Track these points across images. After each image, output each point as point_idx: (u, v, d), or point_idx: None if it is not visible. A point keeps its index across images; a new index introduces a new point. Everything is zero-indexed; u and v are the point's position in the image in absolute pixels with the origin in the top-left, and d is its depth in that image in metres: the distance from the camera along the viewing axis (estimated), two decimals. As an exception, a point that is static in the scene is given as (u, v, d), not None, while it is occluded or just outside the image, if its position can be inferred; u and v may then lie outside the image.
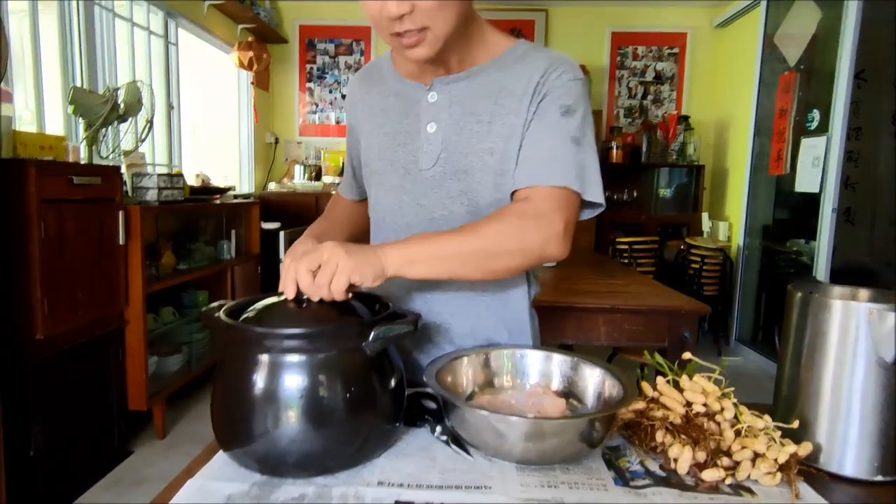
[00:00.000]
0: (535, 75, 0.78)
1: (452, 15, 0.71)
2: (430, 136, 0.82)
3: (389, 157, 0.85)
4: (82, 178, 1.77)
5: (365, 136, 0.90)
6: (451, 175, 0.82)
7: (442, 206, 0.83)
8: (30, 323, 1.63)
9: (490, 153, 0.80)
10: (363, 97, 0.91)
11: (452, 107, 0.81)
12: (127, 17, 2.61)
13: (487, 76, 0.81)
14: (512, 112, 0.79)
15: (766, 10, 3.44)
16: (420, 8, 0.68)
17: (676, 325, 1.64)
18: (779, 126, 3.22)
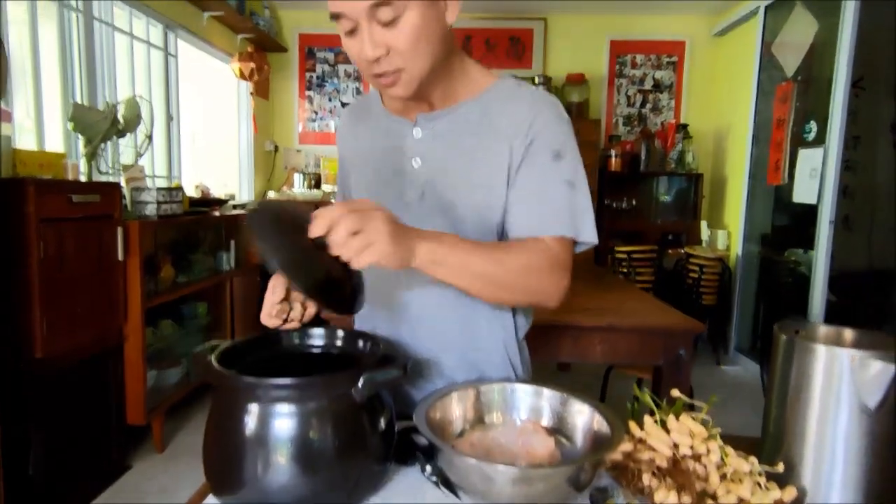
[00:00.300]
0: (520, 118, 0.79)
1: (427, 56, 0.73)
2: (416, 172, 0.84)
3: (377, 191, 0.87)
4: (81, 196, 1.78)
5: (354, 169, 0.93)
6: (437, 209, 0.83)
7: None
8: (29, 342, 1.64)
9: (474, 189, 0.81)
10: (352, 131, 0.93)
11: (436, 142, 0.83)
12: (127, 31, 2.63)
13: (470, 113, 0.82)
14: (496, 151, 0.80)
15: (763, 19, 3.44)
16: (394, 51, 0.71)
17: (672, 344, 1.65)
18: (776, 136, 3.22)
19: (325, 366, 0.77)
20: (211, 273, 2.78)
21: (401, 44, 0.71)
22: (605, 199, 3.97)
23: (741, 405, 2.90)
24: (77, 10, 2.28)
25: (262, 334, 0.76)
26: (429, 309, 0.87)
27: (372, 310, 0.92)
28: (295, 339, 0.78)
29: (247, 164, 4.06)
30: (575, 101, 4.03)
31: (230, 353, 0.69)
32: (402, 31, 0.70)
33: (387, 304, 0.90)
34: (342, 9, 0.70)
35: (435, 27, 0.72)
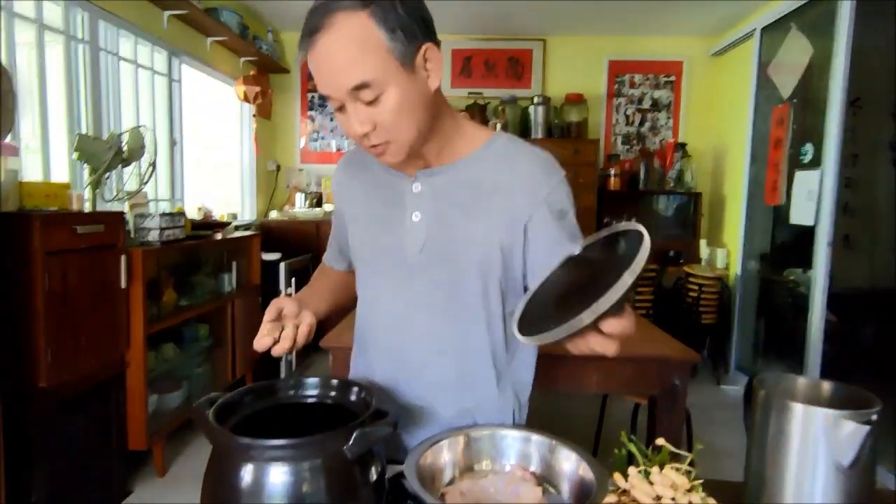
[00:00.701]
0: (518, 177, 0.83)
1: (412, 127, 0.77)
2: (415, 225, 0.86)
3: (376, 243, 0.90)
4: (86, 227, 1.82)
5: (351, 221, 0.95)
6: (437, 263, 0.86)
7: (427, 293, 0.87)
8: (33, 372, 1.66)
9: (473, 244, 0.84)
10: (349, 183, 0.96)
11: (436, 198, 0.86)
12: (131, 59, 2.68)
13: (468, 169, 0.86)
14: (495, 207, 0.83)
15: (759, 41, 3.49)
16: (380, 126, 0.75)
17: (668, 373, 1.66)
18: (774, 157, 3.25)
19: (320, 416, 0.79)
20: (213, 295, 2.81)
21: (386, 120, 0.74)
22: (604, 218, 3.99)
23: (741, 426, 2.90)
24: (84, 41, 2.34)
25: (258, 385, 0.79)
26: (429, 356, 0.89)
27: (371, 352, 0.94)
28: (290, 390, 0.81)
29: (249, 184, 4.11)
30: (574, 120, 4.07)
31: (228, 406, 0.72)
32: (384, 109, 0.73)
33: (387, 349, 0.92)
34: (327, 91, 0.74)
35: (417, 98, 0.75)
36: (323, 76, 0.72)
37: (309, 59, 0.72)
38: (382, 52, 0.70)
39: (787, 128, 3.15)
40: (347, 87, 0.71)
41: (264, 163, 4.27)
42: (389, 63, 0.71)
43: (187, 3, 2.83)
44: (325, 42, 0.70)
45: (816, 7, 2.95)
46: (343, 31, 0.69)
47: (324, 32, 0.69)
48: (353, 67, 0.70)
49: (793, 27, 3.15)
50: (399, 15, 0.71)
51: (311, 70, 0.73)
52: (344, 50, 0.70)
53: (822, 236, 2.78)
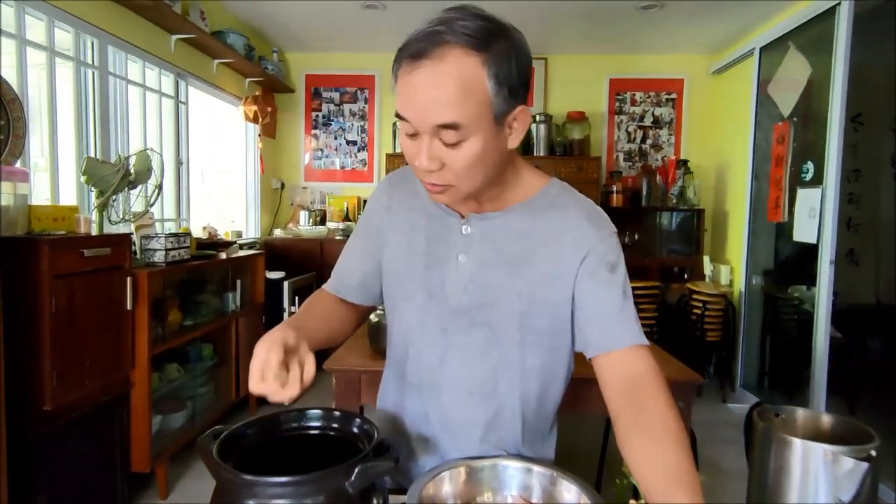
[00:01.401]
0: (572, 232, 0.82)
1: (480, 179, 0.76)
2: (460, 267, 0.85)
3: (418, 276, 0.88)
4: (93, 250, 1.84)
5: (392, 246, 0.92)
6: (477, 307, 0.85)
7: (464, 333, 0.87)
8: (38, 394, 1.68)
9: (517, 294, 0.84)
10: (396, 206, 0.92)
11: (484, 243, 0.85)
12: (140, 82, 2.73)
13: (521, 218, 0.85)
14: (544, 259, 0.83)
15: (759, 59, 3.52)
16: (449, 168, 0.73)
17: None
18: (775, 174, 3.26)
19: (323, 447, 0.80)
20: (217, 314, 2.83)
21: (457, 165, 0.72)
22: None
23: (747, 446, 2.87)
24: (93, 66, 2.39)
25: (262, 418, 0.79)
26: (459, 396, 0.88)
27: (403, 383, 0.93)
28: (293, 423, 0.81)
29: (254, 202, 4.15)
30: (576, 138, 4.10)
31: (232, 439, 0.72)
32: (461, 155, 0.71)
33: (417, 384, 0.91)
34: (410, 117, 0.71)
35: (494, 153, 0.74)
36: (413, 103, 0.69)
37: (402, 80, 0.70)
38: (483, 101, 0.69)
39: (787, 145, 3.17)
40: (435, 123, 0.69)
41: (269, 181, 4.30)
42: (484, 114, 0.69)
43: (194, 28, 2.88)
44: (429, 71, 0.67)
45: (814, 26, 2.98)
46: (452, 68, 0.67)
47: (432, 61, 0.67)
48: (449, 106, 0.68)
49: (791, 46, 3.18)
50: (510, 71, 0.69)
51: (400, 90, 0.71)
52: (446, 87, 0.67)
53: (824, 254, 2.78)
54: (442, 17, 0.70)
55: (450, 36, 0.67)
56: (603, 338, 0.81)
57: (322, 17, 3.63)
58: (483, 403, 0.88)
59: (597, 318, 0.82)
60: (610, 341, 0.80)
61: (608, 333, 0.80)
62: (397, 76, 0.72)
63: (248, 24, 3.76)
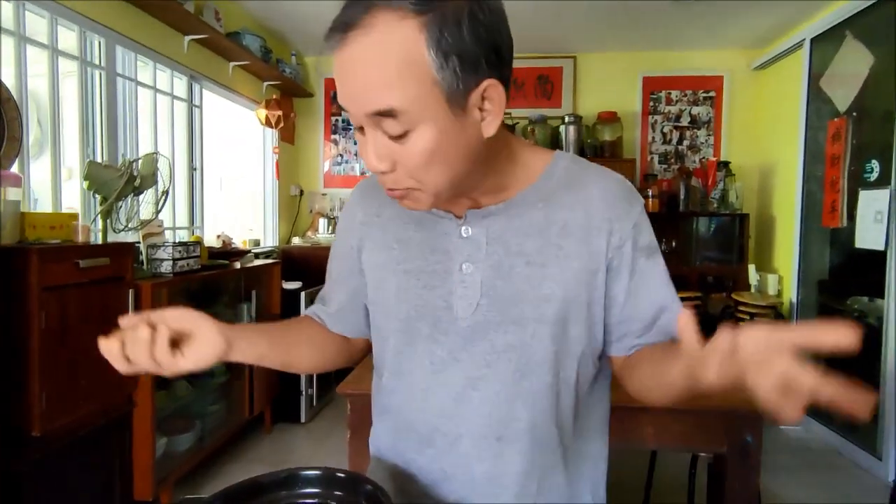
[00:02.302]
0: (600, 213, 0.68)
1: (443, 176, 0.59)
2: (466, 279, 0.68)
3: (414, 300, 0.70)
4: (90, 260, 1.70)
5: (374, 269, 0.75)
6: (496, 326, 0.67)
7: (484, 363, 0.68)
8: (26, 420, 1.53)
9: (547, 300, 0.67)
10: (372, 219, 0.76)
11: (492, 245, 0.67)
12: (150, 84, 2.61)
13: (532, 208, 0.68)
14: (572, 254, 0.66)
15: (809, 52, 3.25)
16: (402, 167, 0.57)
17: (737, 428, 1.43)
18: (831, 175, 2.98)
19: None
20: (230, 328, 2.67)
21: (409, 163, 0.57)
22: (642, 242, 3.74)
23: (808, 476, 2.59)
24: (100, 66, 2.27)
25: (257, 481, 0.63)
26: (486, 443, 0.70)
27: (407, 439, 0.74)
28: (291, 488, 0.63)
29: (272, 209, 4.02)
30: (607, 139, 3.87)
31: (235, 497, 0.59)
32: (411, 150, 0.56)
33: (428, 436, 0.71)
34: (345, 105, 0.58)
35: (459, 144, 0.57)
36: (343, 86, 0.57)
37: (334, 60, 0.56)
38: (425, 79, 0.53)
39: (844, 143, 2.89)
40: (368, 111, 0.55)
41: (287, 188, 4.18)
42: (431, 96, 0.54)
43: (208, 28, 2.76)
44: (355, 45, 0.53)
45: (874, 12, 2.72)
46: (380, 38, 0.52)
47: (357, 32, 0.53)
48: (380, 88, 0.53)
49: (848, 35, 2.91)
50: (461, 38, 0.53)
51: (334, 73, 0.58)
52: (374, 62, 0.53)
53: (894, 261, 2.49)
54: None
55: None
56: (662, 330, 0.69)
57: (341, 17, 3.49)
58: (516, 447, 0.69)
59: (650, 309, 0.69)
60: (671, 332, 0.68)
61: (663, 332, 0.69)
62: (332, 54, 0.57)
63: (265, 25, 3.65)
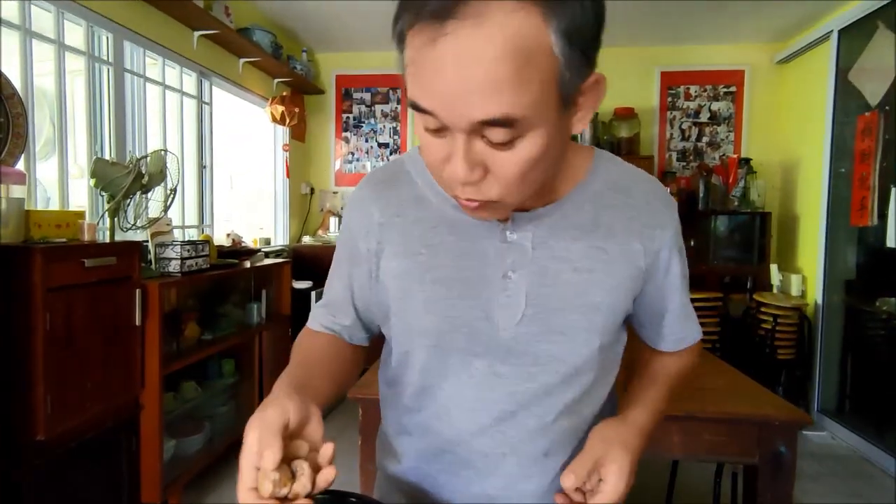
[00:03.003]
0: (642, 218, 0.64)
1: (536, 185, 0.52)
2: (510, 287, 0.61)
3: (445, 312, 0.62)
4: (95, 259, 1.65)
5: (397, 278, 0.65)
6: (541, 337, 0.61)
7: (528, 376, 0.62)
8: (30, 424, 1.49)
9: (596, 309, 0.62)
10: (391, 221, 0.65)
11: (538, 250, 0.61)
12: (159, 81, 2.57)
13: (579, 210, 0.62)
14: (617, 259, 0.63)
15: (837, 44, 3.13)
16: (495, 177, 0.49)
17: (769, 438, 1.35)
18: (860, 172, 2.87)
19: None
20: (239, 328, 2.63)
21: (508, 173, 0.49)
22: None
23: (836, 486, 2.49)
24: (108, 62, 2.23)
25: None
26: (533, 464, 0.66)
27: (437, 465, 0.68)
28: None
29: (282, 208, 3.98)
30: (624, 136, 3.78)
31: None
32: (514, 157, 0.48)
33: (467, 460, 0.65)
34: (434, 108, 0.46)
35: (556, 147, 0.50)
36: (439, 90, 0.45)
37: (417, 53, 0.45)
38: (549, 78, 0.45)
39: (876, 139, 2.77)
40: (474, 118, 0.45)
41: (298, 186, 4.13)
42: (550, 96, 0.46)
43: (218, 24, 2.72)
44: (463, 40, 0.42)
45: (908, 2, 2.60)
46: (499, 32, 0.42)
47: (465, 22, 0.42)
48: (497, 94, 0.43)
49: (880, 26, 2.79)
50: (585, 22, 0.45)
51: (415, 68, 0.46)
52: (493, 63, 0.42)
53: (928, 262, 2.38)
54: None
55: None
56: (677, 338, 0.73)
57: (353, 14, 3.44)
58: (563, 461, 0.65)
59: (672, 319, 0.71)
60: (680, 342, 0.74)
61: (682, 333, 0.73)
62: (407, 44, 0.47)
63: (275, 21, 3.60)
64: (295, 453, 0.48)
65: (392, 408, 0.72)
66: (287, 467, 0.47)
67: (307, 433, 0.50)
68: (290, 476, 0.47)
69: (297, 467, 0.47)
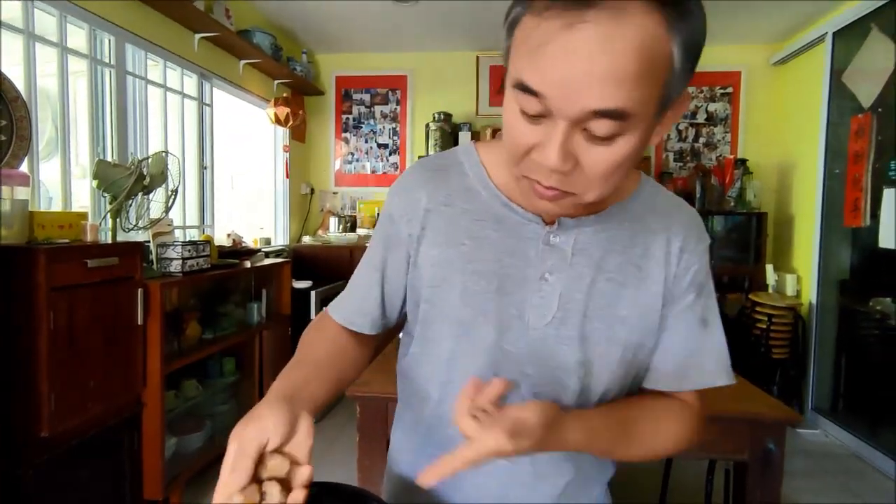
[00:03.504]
0: (673, 241, 0.65)
1: (614, 185, 0.54)
2: (545, 288, 0.63)
3: (482, 304, 0.64)
4: (98, 260, 1.68)
5: (436, 265, 0.66)
6: (568, 340, 0.63)
7: (554, 379, 0.64)
8: (34, 421, 1.51)
9: (622, 322, 0.64)
10: (438, 208, 0.66)
11: (577, 256, 0.64)
12: (160, 83, 2.60)
13: (619, 226, 0.65)
14: (649, 278, 0.65)
15: (831, 46, 3.16)
16: (583, 170, 0.51)
17: (759, 436, 1.38)
18: (853, 173, 2.90)
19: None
20: (240, 327, 2.66)
21: (599, 168, 0.51)
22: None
23: (831, 485, 2.52)
24: (110, 65, 2.26)
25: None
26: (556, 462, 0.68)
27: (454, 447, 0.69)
28: None
29: (282, 208, 4.01)
30: (621, 137, 3.80)
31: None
32: (609, 154, 0.50)
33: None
34: (548, 93, 0.47)
35: (642, 151, 0.53)
36: (562, 75, 0.46)
37: (547, 36, 0.46)
38: (661, 82, 0.48)
39: (869, 140, 2.80)
40: (592, 108, 0.47)
41: (298, 186, 4.16)
42: (657, 99, 0.49)
43: (219, 26, 2.75)
44: (599, 26, 0.44)
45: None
46: (634, 26, 0.45)
47: (605, 14, 0.44)
48: (618, 87, 0.46)
49: (873, 28, 2.82)
50: (697, 38, 0.48)
51: (538, 48, 0.47)
52: (622, 53, 0.45)
53: (920, 263, 2.41)
54: None
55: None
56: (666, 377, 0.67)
57: (352, 15, 3.47)
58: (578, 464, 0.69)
59: (671, 355, 0.67)
60: (668, 384, 0.67)
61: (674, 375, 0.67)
62: (521, 27, 0.48)
63: (275, 23, 3.63)
64: (273, 472, 0.49)
65: (409, 400, 0.73)
66: (257, 487, 0.48)
67: (293, 446, 0.51)
68: (258, 496, 0.47)
69: (267, 489, 0.48)
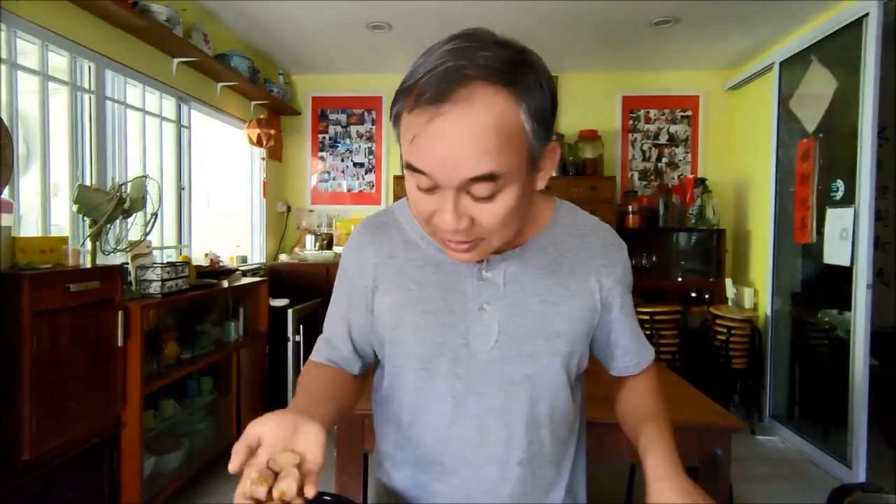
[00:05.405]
0: (599, 259, 0.78)
1: (513, 229, 0.66)
2: (485, 317, 0.74)
3: (433, 338, 0.74)
4: (80, 284, 1.73)
5: (391, 310, 0.77)
6: (513, 359, 0.74)
7: (504, 394, 0.75)
8: (15, 444, 1.55)
9: (557, 336, 0.75)
10: (385, 262, 0.78)
11: (509, 285, 0.74)
12: (139, 107, 2.65)
13: (542, 252, 0.76)
14: (577, 293, 0.76)
15: (779, 74, 3.39)
16: (480, 224, 0.62)
17: (707, 442, 1.50)
18: (801, 193, 3.11)
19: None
20: (218, 345, 2.70)
21: (490, 220, 0.62)
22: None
23: (787, 488, 2.67)
24: (90, 91, 2.31)
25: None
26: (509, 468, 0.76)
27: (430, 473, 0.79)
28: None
29: (259, 226, 4.05)
30: (589, 157, 3.97)
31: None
32: (494, 208, 0.61)
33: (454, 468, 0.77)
34: (431, 171, 0.59)
35: (526, 199, 0.64)
36: (437, 157, 0.57)
37: (417, 129, 0.58)
38: (522, 144, 0.59)
39: (813, 162, 3.02)
40: (466, 176, 0.58)
41: (274, 204, 4.22)
42: (522, 159, 0.60)
43: (197, 51, 2.82)
44: (456, 118, 0.56)
45: (839, 39, 2.86)
46: (484, 110, 0.56)
47: (457, 104, 0.56)
48: (483, 158, 0.57)
49: (813, 59, 3.05)
50: (542, 103, 0.60)
51: (412, 140, 0.58)
52: (481, 134, 0.56)
53: (860, 278, 2.60)
54: (454, 47, 0.58)
55: (472, 70, 0.56)
56: (637, 361, 0.85)
57: (328, 39, 3.57)
58: (529, 467, 0.77)
59: (624, 345, 0.84)
60: (637, 365, 0.86)
61: (634, 358, 0.85)
62: (402, 122, 0.60)
63: (252, 46, 3.71)
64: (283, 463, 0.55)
65: (385, 424, 0.83)
66: (269, 471, 0.54)
67: (300, 445, 0.57)
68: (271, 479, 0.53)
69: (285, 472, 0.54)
